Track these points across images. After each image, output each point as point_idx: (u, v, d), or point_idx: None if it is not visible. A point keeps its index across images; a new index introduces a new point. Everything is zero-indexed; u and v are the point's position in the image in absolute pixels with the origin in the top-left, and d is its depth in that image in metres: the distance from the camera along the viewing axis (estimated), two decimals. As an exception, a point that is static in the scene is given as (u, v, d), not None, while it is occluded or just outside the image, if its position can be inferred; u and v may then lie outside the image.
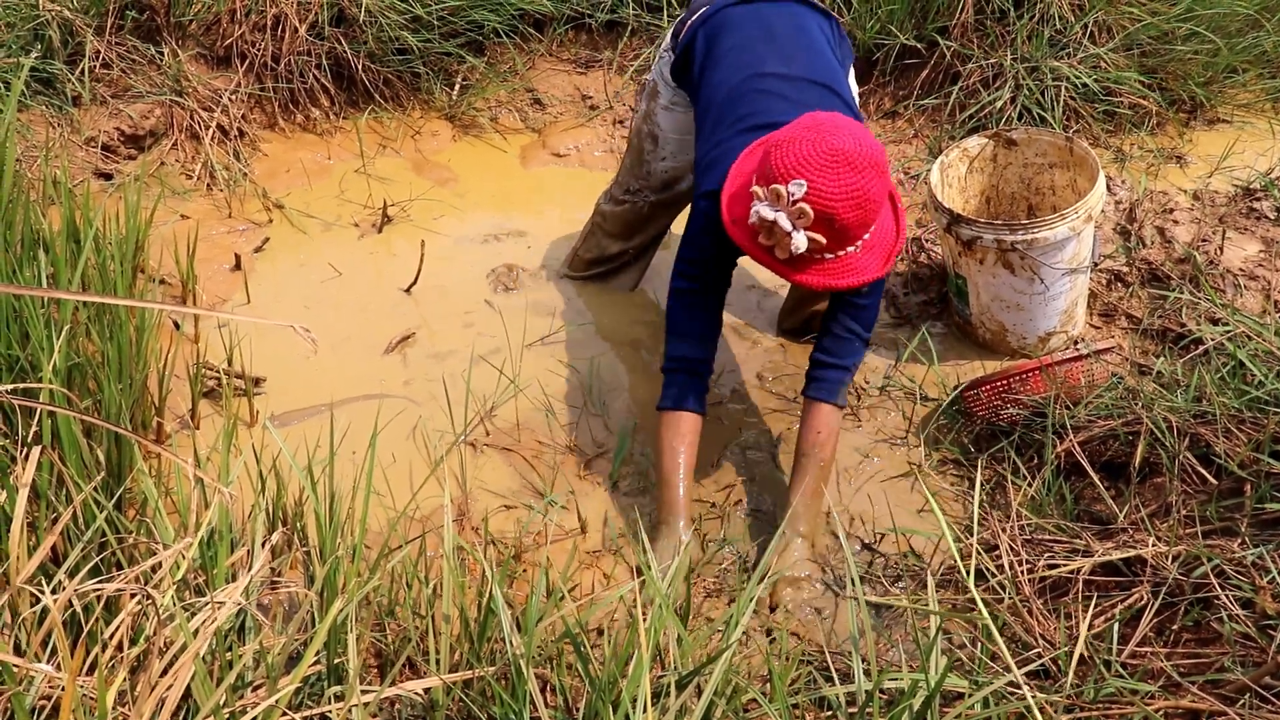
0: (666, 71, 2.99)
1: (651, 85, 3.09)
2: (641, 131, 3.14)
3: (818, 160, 2.27)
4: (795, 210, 2.28)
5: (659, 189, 3.20)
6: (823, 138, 2.28)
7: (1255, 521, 2.19)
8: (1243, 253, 3.24)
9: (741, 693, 1.82)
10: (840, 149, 2.27)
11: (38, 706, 1.62)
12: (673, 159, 3.13)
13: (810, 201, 2.27)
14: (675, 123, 3.06)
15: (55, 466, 2.01)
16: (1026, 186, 3.27)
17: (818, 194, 2.27)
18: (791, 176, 2.28)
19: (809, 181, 2.26)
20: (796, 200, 2.27)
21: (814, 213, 2.28)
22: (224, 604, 1.64)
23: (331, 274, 3.46)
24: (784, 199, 2.29)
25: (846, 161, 2.27)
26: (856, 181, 2.27)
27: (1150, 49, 3.98)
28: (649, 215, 3.27)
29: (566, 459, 2.87)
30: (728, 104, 2.65)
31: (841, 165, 2.27)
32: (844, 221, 2.30)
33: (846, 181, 2.27)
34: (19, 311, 2.35)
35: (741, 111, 2.62)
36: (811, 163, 2.27)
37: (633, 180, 3.22)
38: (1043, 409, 2.69)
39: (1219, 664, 1.96)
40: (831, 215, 2.29)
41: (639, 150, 3.17)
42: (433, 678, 1.81)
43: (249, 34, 3.92)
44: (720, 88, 2.69)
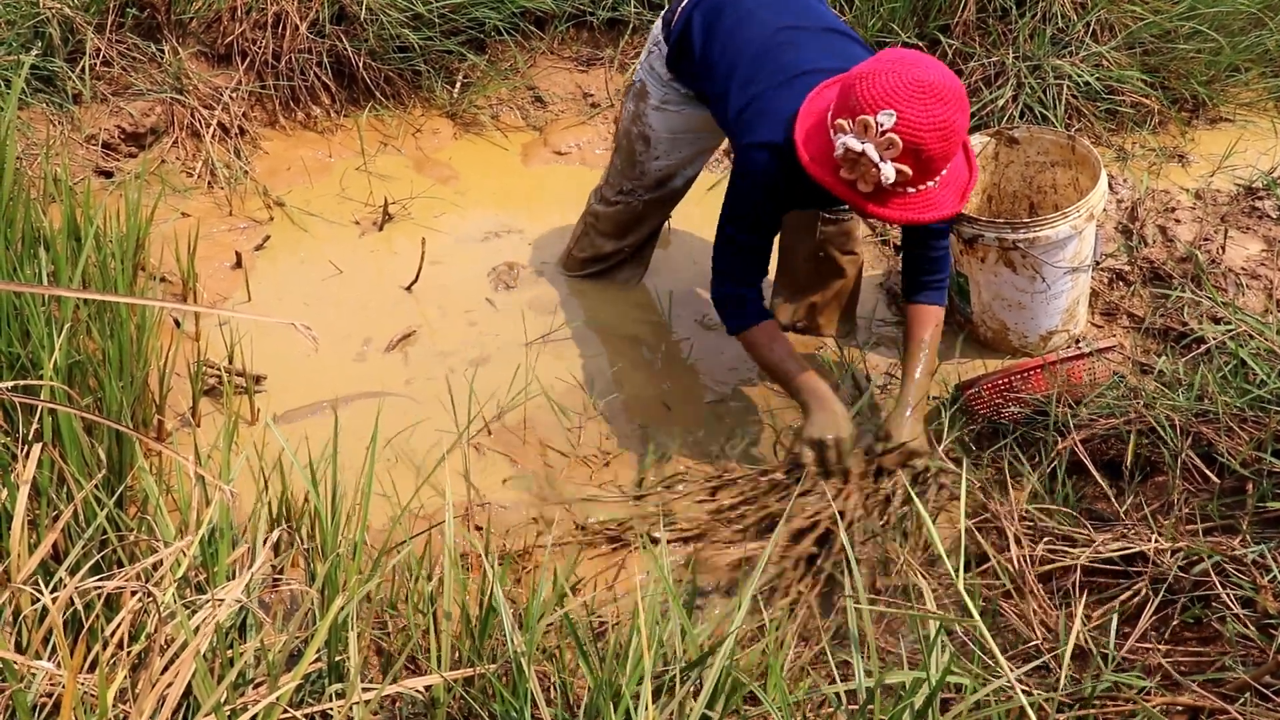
0: (659, 67, 2.96)
1: (639, 86, 3.06)
2: (631, 133, 3.12)
3: (906, 91, 2.29)
4: (884, 140, 2.30)
5: (653, 187, 3.19)
6: (909, 69, 2.31)
7: (1257, 520, 2.19)
8: (1245, 251, 3.24)
9: (742, 688, 1.82)
10: (928, 80, 2.30)
11: (39, 704, 1.62)
12: (666, 158, 3.11)
13: (899, 132, 2.30)
14: (668, 122, 3.04)
15: (56, 464, 2.01)
16: (1028, 185, 3.27)
17: (906, 124, 2.29)
18: (881, 107, 2.30)
19: (898, 112, 2.29)
20: (886, 130, 2.30)
21: (903, 143, 2.30)
22: (225, 601, 1.64)
23: (332, 272, 3.46)
24: (873, 130, 2.30)
25: (935, 93, 2.30)
26: (944, 113, 2.31)
27: (1152, 47, 3.98)
28: (643, 214, 3.27)
29: (568, 457, 2.87)
30: (756, 61, 2.66)
31: (930, 96, 2.29)
32: (930, 152, 2.33)
33: (935, 112, 2.30)
34: (20, 309, 2.35)
35: (777, 64, 2.64)
36: (900, 93, 2.29)
37: (625, 181, 3.21)
38: (1044, 407, 2.69)
39: (1219, 662, 1.96)
40: (919, 146, 2.31)
41: (630, 151, 3.15)
42: (434, 675, 1.81)
43: (250, 31, 3.92)
44: (745, 48, 2.69)
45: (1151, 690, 1.93)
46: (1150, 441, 2.47)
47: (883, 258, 3.52)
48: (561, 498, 2.75)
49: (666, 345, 3.24)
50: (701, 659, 1.79)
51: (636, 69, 3.09)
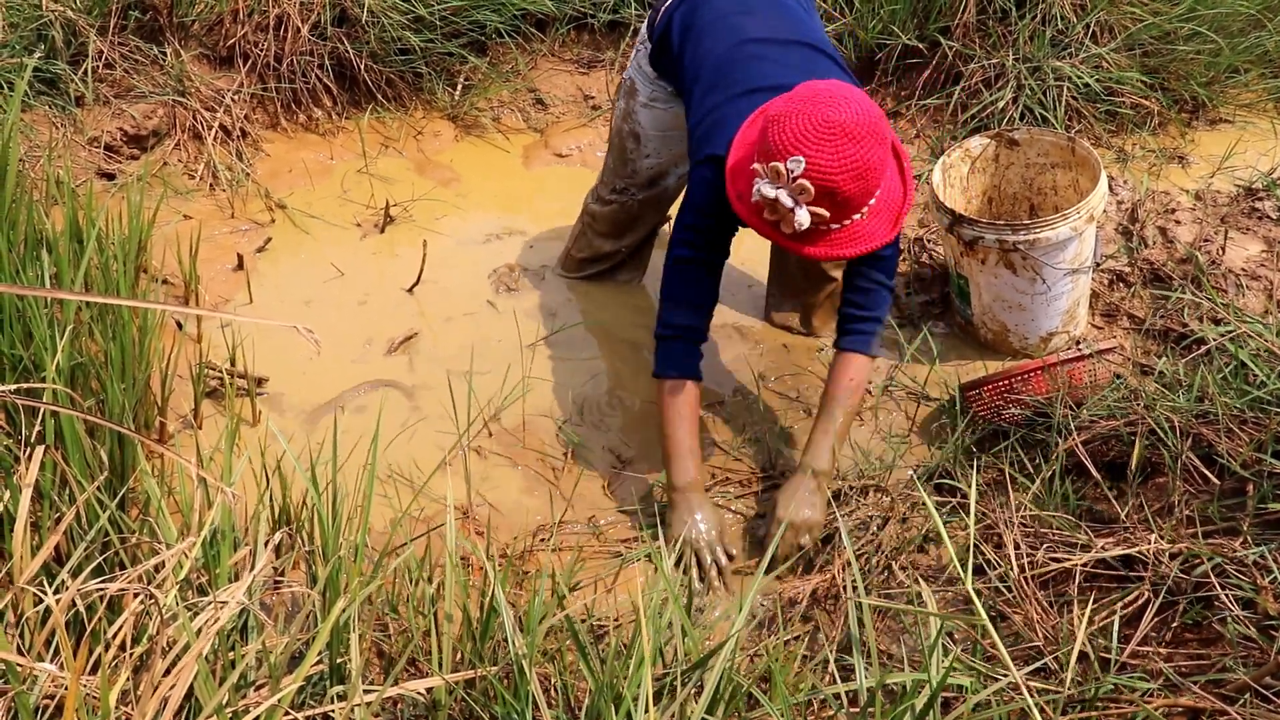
0: (645, 64, 2.97)
1: (629, 83, 3.06)
2: (622, 131, 3.12)
3: (814, 134, 2.25)
4: (796, 186, 2.27)
5: (645, 185, 3.19)
6: (818, 109, 2.26)
7: (1257, 521, 2.19)
8: (1245, 253, 3.24)
9: (742, 692, 1.82)
10: (836, 120, 2.24)
11: (41, 706, 1.62)
12: (656, 155, 3.12)
13: (810, 177, 2.25)
14: (656, 119, 3.04)
15: (58, 466, 2.01)
16: (1028, 187, 3.27)
17: (816, 169, 2.25)
18: (789, 153, 2.26)
19: (807, 157, 2.24)
20: (796, 177, 2.26)
21: (814, 188, 2.26)
22: (227, 604, 1.64)
23: (334, 274, 3.47)
24: (784, 176, 2.27)
25: (844, 133, 2.24)
26: (855, 153, 2.25)
27: (1152, 49, 3.98)
28: (638, 214, 3.27)
29: (570, 459, 2.88)
30: (718, 71, 2.63)
31: (839, 137, 2.24)
32: (846, 194, 2.29)
33: (845, 154, 2.25)
34: (22, 311, 2.35)
35: (734, 76, 2.60)
36: (809, 137, 2.25)
37: (618, 179, 3.21)
38: (1045, 409, 2.69)
39: (1220, 663, 1.96)
40: (833, 189, 2.27)
41: (621, 149, 3.15)
42: (435, 677, 1.81)
43: (251, 34, 3.93)
44: (707, 57, 2.67)
45: (1152, 692, 1.93)
46: (1151, 443, 2.47)
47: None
48: (561, 500, 2.75)
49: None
50: (702, 661, 1.80)
51: (627, 67, 3.10)
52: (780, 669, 1.83)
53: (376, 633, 2.04)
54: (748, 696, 1.85)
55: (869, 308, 2.67)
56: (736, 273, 3.44)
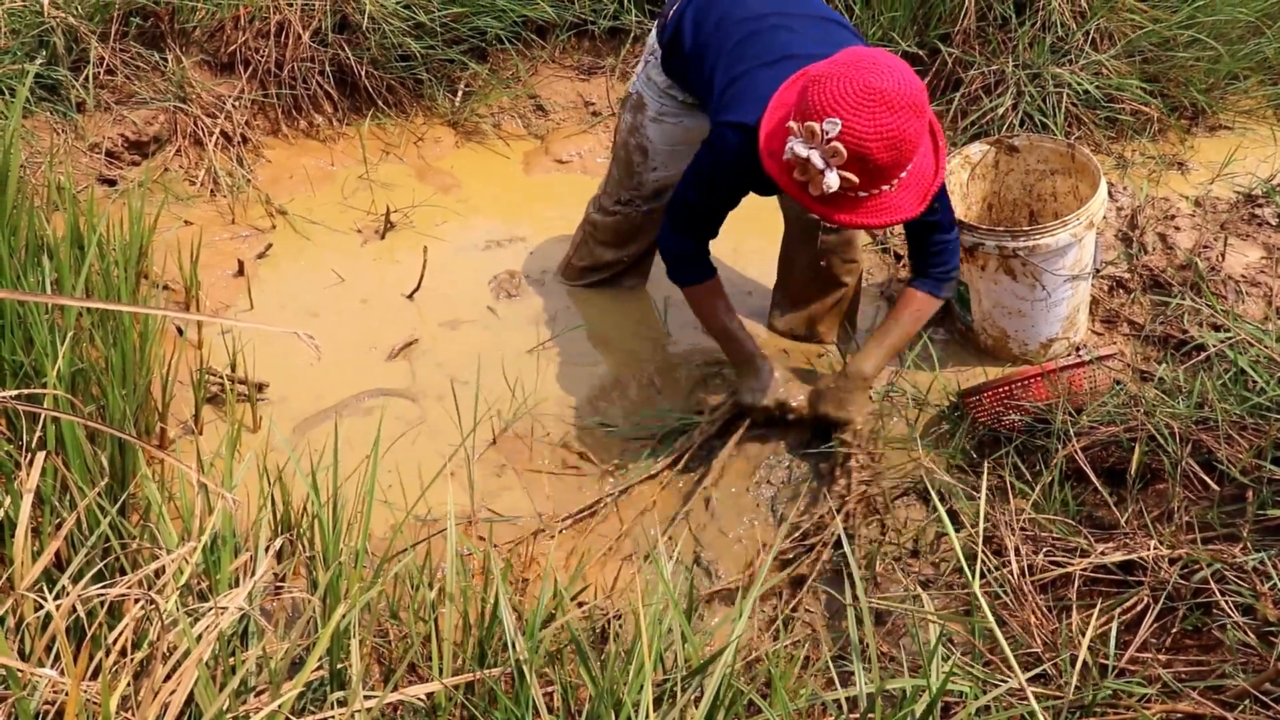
0: (656, 75, 2.95)
1: (636, 98, 3.04)
2: (629, 145, 3.11)
3: (854, 98, 2.24)
4: (829, 149, 2.26)
5: (650, 198, 3.19)
6: (861, 75, 2.25)
7: (1257, 528, 2.19)
8: (1244, 259, 3.24)
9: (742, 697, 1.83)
10: (878, 87, 2.23)
11: (42, 711, 1.62)
12: (664, 169, 3.10)
13: (844, 141, 2.24)
14: (665, 134, 3.03)
15: (59, 472, 2.01)
16: (1028, 193, 3.28)
17: (851, 133, 2.24)
18: (826, 114, 2.25)
19: (843, 120, 2.23)
20: (830, 139, 2.25)
21: (847, 152, 2.25)
22: (227, 609, 1.64)
23: (334, 280, 3.47)
24: (818, 137, 2.26)
25: (883, 101, 2.24)
26: (892, 122, 2.24)
27: (1152, 56, 3.99)
28: (641, 224, 3.26)
29: (570, 465, 2.88)
30: (742, 43, 2.64)
31: (878, 105, 2.24)
32: (878, 162, 2.28)
33: (882, 122, 2.24)
34: (23, 317, 2.35)
35: (758, 48, 2.61)
36: (847, 101, 2.24)
37: (623, 191, 3.20)
38: (1045, 415, 2.69)
39: (1219, 670, 1.96)
40: (865, 155, 2.26)
41: (628, 162, 3.14)
42: (434, 682, 1.81)
43: (252, 40, 3.93)
44: (731, 34, 2.67)
45: (1151, 698, 1.93)
46: (1150, 449, 2.47)
47: (884, 265, 3.52)
48: (561, 505, 2.75)
49: (665, 354, 3.24)
50: (703, 667, 1.80)
51: (633, 81, 3.09)
52: (780, 675, 1.83)
53: (377, 638, 2.04)
54: (748, 702, 1.85)
55: (948, 263, 2.79)
56: (737, 279, 3.45)
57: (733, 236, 3.46)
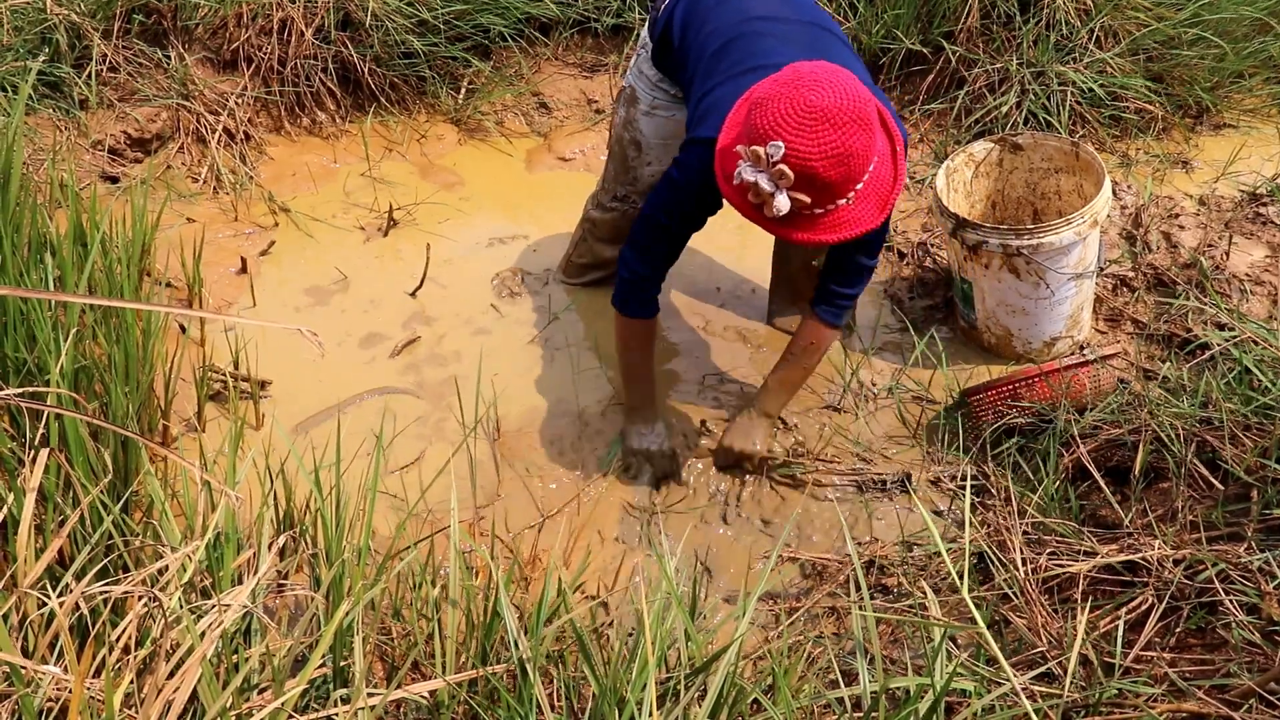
0: (646, 67, 2.94)
1: (629, 91, 3.03)
2: (624, 139, 3.10)
3: (795, 118, 2.20)
4: (775, 171, 2.23)
5: (647, 193, 3.17)
6: (801, 93, 2.21)
7: (1261, 527, 2.18)
8: (1249, 258, 3.24)
9: (746, 696, 1.82)
10: (818, 105, 2.20)
11: (45, 708, 1.62)
12: (659, 163, 3.08)
13: (789, 163, 2.21)
14: (658, 127, 3.02)
15: (62, 469, 2.01)
16: (1032, 191, 3.27)
17: (795, 155, 2.21)
18: (769, 137, 2.22)
19: (786, 142, 2.20)
20: (775, 162, 2.22)
21: (794, 174, 2.22)
22: (230, 607, 1.64)
23: (337, 277, 3.47)
24: (763, 160, 2.24)
25: (825, 118, 2.20)
26: (836, 139, 2.21)
27: (1156, 54, 3.98)
28: None
29: (572, 463, 2.88)
30: (720, 51, 2.61)
31: (820, 123, 2.20)
32: (826, 179, 2.24)
33: (825, 139, 2.20)
34: (26, 314, 2.35)
35: (735, 56, 2.58)
36: (788, 122, 2.21)
37: (619, 187, 3.19)
38: (1049, 415, 2.69)
39: (1224, 669, 1.96)
40: (812, 175, 2.23)
41: (623, 157, 3.13)
42: (437, 680, 1.81)
43: (255, 38, 3.93)
44: (712, 37, 2.64)
45: (1157, 697, 1.93)
46: (1154, 448, 2.47)
47: (886, 263, 3.52)
48: (563, 503, 2.75)
49: (666, 351, 3.24)
50: (706, 665, 1.79)
51: (627, 74, 3.09)
52: (784, 674, 1.83)
53: (380, 636, 2.04)
54: (752, 701, 1.84)
55: (848, 285, 2.75)
56: (738, 277, 3.44)
57: (737, 235, 3.46)
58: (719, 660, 1.77)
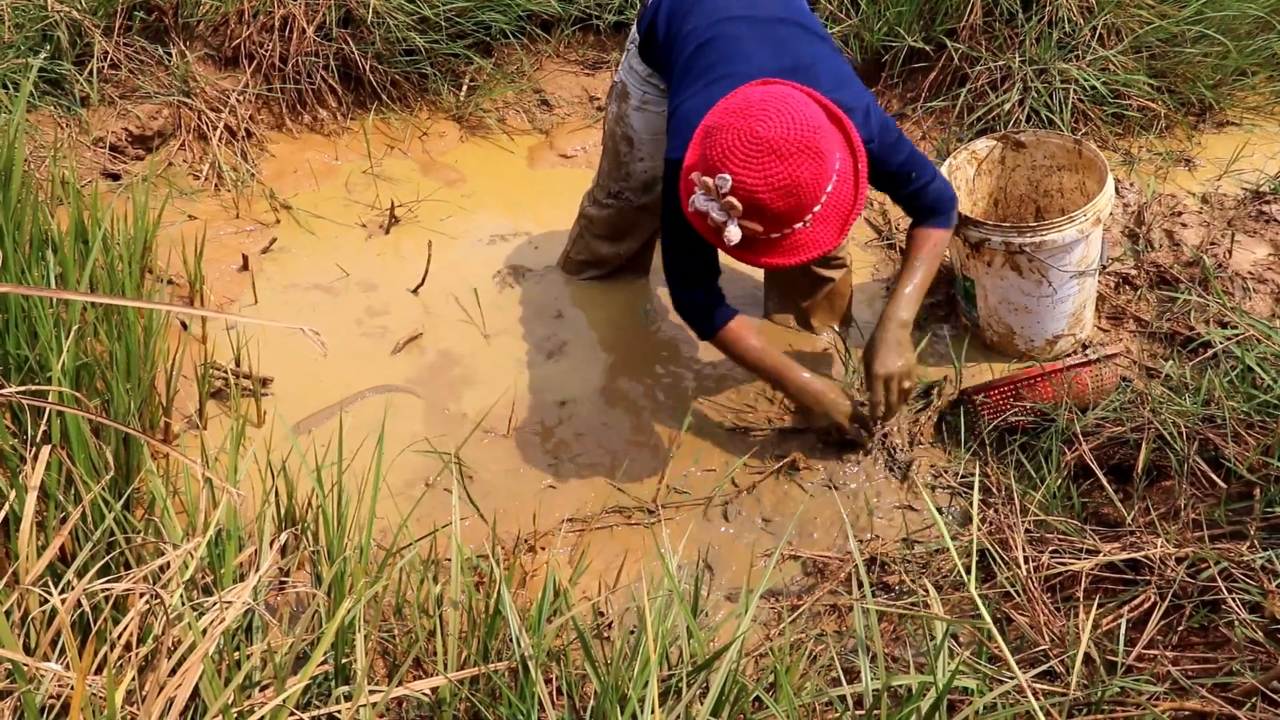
0: (634, 62, 2.93)
1: (620, 86, 3.03)
2: (615, 134, 3.09)
3: (742, 150, 2.20)
4: (725, 202, 2.24)
5: (640, 191, 3.16)
6: (748, 123, 2.21)
7: (1264, 526, 2.18)
8: (1252, 256, 3.23)
9: (747, 693, 1.82)
10: (764, 136, 2.19)
11: (47, 705, 1.62)
12: (650, 159, 3.08)
13: (737, 195, 2.22)
14: (649, 123, 3.01)
15: (64, 466, 2.01)
16: (1035, 189, 3.27)
17: (742, 187, 2.21)
18: (718, 169, 2.23)
19: (733, 174, 2.21)
20: (724, 193, 2.23)
21: (742, 205, 2.22)
22: (232, 604, 1.64)
23: (339, 275, 3.47)
24: (713, 190, 2.24)
25: (771, 150, 2.19)
26: (781, 170, 2.20)
27: (1159, 51, 3.98)
28: (635, 219, 3.25)
29: (574, 459, 2.88)
30: (693, 55, 2.60)
31: (765, 154, 2.20)
32: (775, 210, 2.24)
33: (771, 171, 2.20)
34: (27, 312, 2.35)
35: (708, 60, 2.56)
36: (735, 153, 2.21)
37: (613, 183, 3.19)
38: (1051, 414, 2.68)
39: (1227, 668, 1.96)
40: (760, 206, 2.23)
41: (615, 153, 3.13)
42: (439, 677, 1.81)
43: (257, 35, 3.93)
44: (688, 40, 2.63)
45: (1159, 695, 1.93)
46: (1157, 447, 2.47)
47: (889, 261, 3.52)
48: (565, 499, 2.75)
49: (669, 348, 3.24)
50: (708, 662, 1.79)
51: (619, 69, 3.07)
52: (785, 671, 1.82)
53: (381, 633, 2.04)
54: (753, 699, 1.84)
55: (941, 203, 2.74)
56: (736, 271, 3.44)
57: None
58: (721, 658, 1.77)
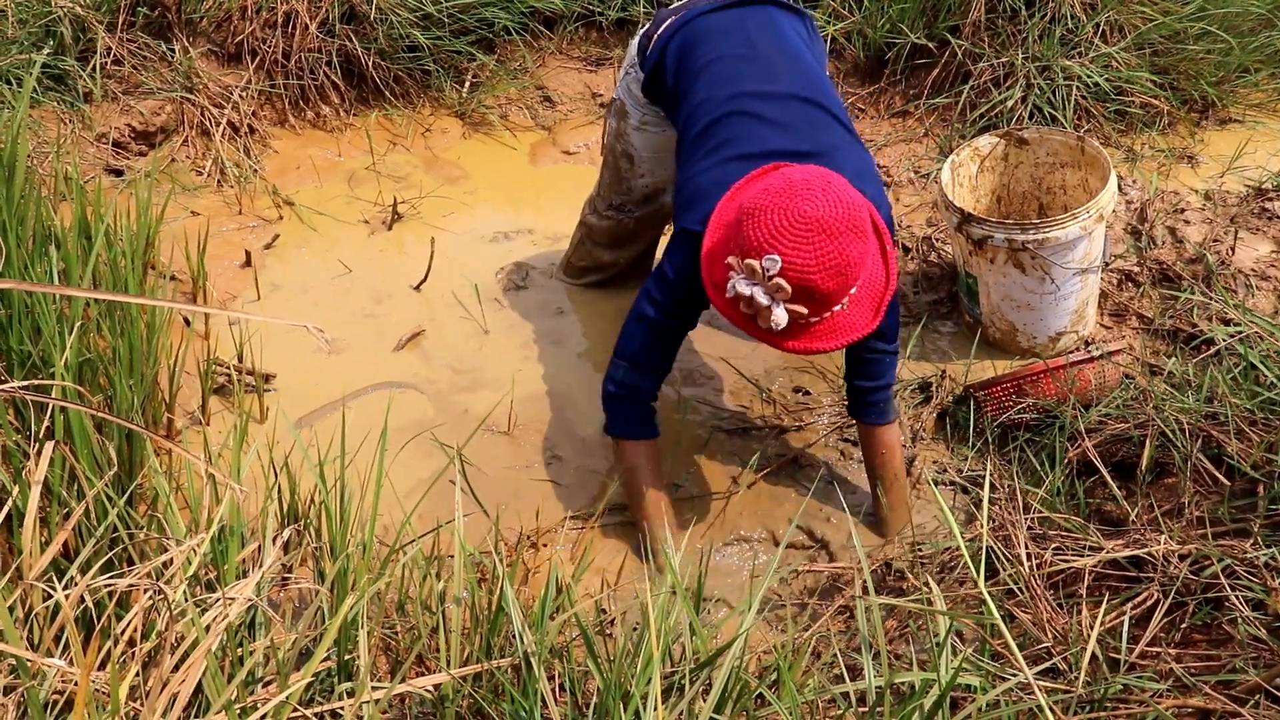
0: (636, 90, 2.87)
1: (619, 105, 2.98)
2: (615, 150, 3.06)
3: (791, 231, 2.15)
4: (772, 285, 2.17)
5: (641, 203, 3.15)
6: (795, 204, 2.15)
7: (1268, 523, 2.18)
8: (1254, 253, 3.23)
9: (750, 690, 1.82)
10: (814, 216, 2.14)
11: (51, 701, 1.62)
12: (651, 175, 3.07)
13: (786, 276, 2.16)
14: (649, 142, 2.98)
15: (67, 462, 2.01)
16: (1038, 186, 3.27)
17: (792, 268, 2.15)
18: (765, 250, 2.16)
19: (783, 255, 2.15)
20: (772, 275, 2.17)
21: (791, 287, 2.17)
22: (235, 600, 1.64)
23: (341, 271, 3.47)
24: (759, 274, 2.18)
25: (821, 229, 2.15)
26: (833, 249, 2.16)
27: (1162, 48, 3.97)
28: (635, 230, 3.24)
29: (576, 457, 2.88)
30: (710, 128, 2.52)
31: (815, 234, 2.14)
32: (824, 291, 2.19)
33: (822, 250, 2.15)
34: (31, 307, 2.35)
35: (724, 136, 2.49)
36: (784, 235, 2.15)
37: (614, 195, 3.16)
38: (1054, 411, 2.68)
39: (1230, 665, 1.96)
40: (810, 287, 2.18)
41: (616, 168, 3.10)
42: (442, 674, 1.81)
43: (260, 31, 3.93)
44: (701, 110, 2.55)
45: (1163, 692, 1.93)
46: (1160, 444, 2.46)
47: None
48: (567, 497, 2.75)
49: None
50: (711, 660, 1.79)
51: (616, 86, 3.05)
52: (788, 668, 1.82)
53: (384, 630, 2.04)
54: (756, 696, 1.84)
55: (878, 378, 2.61)
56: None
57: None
58: (724, 654, 1.77)
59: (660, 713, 1.61)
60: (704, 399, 3.03)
